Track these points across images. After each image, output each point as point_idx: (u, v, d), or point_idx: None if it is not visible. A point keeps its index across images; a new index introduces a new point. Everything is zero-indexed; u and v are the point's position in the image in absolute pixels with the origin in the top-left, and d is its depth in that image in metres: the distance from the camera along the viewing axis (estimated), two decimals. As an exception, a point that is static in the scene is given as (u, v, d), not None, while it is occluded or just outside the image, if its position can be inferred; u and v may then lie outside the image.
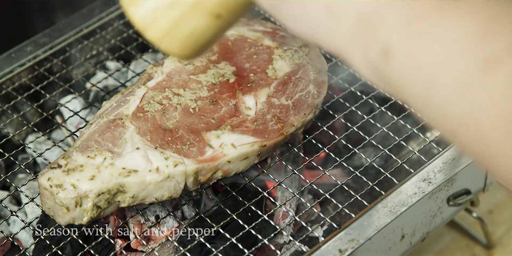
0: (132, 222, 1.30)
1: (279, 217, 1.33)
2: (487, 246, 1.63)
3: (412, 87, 0.66)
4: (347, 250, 1.18)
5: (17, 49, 1.55)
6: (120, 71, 1.62)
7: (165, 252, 1.28)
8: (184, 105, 1.28)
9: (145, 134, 1.23)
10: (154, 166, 1.19)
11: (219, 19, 0.79)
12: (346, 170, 1.47)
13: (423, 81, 0.64)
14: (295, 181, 1.38)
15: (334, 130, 1.45)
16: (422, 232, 1.35)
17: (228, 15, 0.79)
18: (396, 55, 0.65)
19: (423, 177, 1.28)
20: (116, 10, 1.63)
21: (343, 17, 0.69)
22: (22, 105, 1.54)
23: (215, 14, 0.79)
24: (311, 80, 1.35)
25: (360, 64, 0.70)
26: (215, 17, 0.79)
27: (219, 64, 1.35)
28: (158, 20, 0.80)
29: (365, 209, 1.24)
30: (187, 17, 0.79)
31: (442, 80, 0.62)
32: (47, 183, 1.16)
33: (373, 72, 0.69)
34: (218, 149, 1.22)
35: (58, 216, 1.18)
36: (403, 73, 0.65)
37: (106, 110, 1.27)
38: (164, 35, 0.80)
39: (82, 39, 1.58)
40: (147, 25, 0.80)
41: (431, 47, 0.63)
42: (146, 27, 0.80)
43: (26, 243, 1.40)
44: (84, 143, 1.21)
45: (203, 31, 0.80)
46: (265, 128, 1.26)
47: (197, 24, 0.79)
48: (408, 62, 0.65)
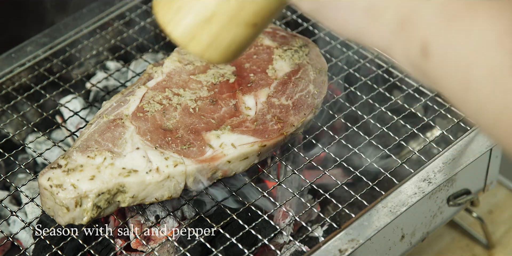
0: (132, 222, 1.30)
1: (279, 217, 1.33)
2: (487, 246, 1.63)
3: (450, 83, 0.69)
4: (347, 250, 1.18)
5: (17, 49, 1.55)
6: (120, 71, 1.62)
7: (165, 252, 1.28)
8: (184, 105, 1.28)
9: (145, 134, 1.23)
10: (154, 166, 1.19)
11: (255, 27, 0.83)
12: (346, 170, 1.47)
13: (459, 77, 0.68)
14: (295, 181, 1.38)
15: (334, 130, 1.45)
16: (422, 232, 1.35)
17: (263, 22, 0.84)
18: (434, 53, 0.69)
19: (423, 177, 1.28)
20: (116, 10, 1.63)
21: (382, 18, 0.72)
22: (22, 105, 1.54)
23: (251, 24, 0.83)
24: (311, 80, 1.35)
25: (402, 62, 0.74)
26: (252, 26, 0.83)
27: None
28: (198, 35, 0.83)
29: (365, 209, 1.24)
30: (226, 30, 0.83)
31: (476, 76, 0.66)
32: (47, 183, 1.16)
33: (415, 70, 0.73)
34: (218, 149, 1.22)
35: (58, 216, 1.18)
36: (442, 69, 0.69)
37: (106, 110, 1.28)
38: (206, 48, 0.84)
39: (82, 39, 1.58)
40: (187, 41, 0.84)
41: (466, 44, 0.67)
42: (187, 43, 0.84)
43: (26, 243, 1.40)
44: (84, 143, 1.21)
45: (242, 40, 0.84)
46: (265, 128, 1.27)
47: (235, 35, 0.83)
48: (445, 59, 0.68)
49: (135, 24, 1.62)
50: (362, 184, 1.37)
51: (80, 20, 1.60)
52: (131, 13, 1.63)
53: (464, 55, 0.67)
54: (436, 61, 0.69)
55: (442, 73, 0.70)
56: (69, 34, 1.58)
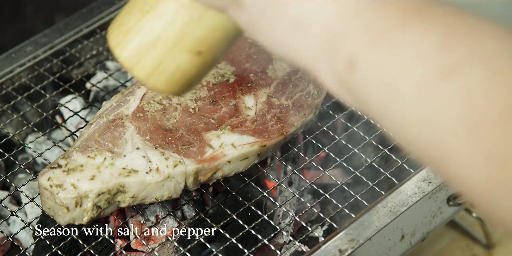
0: (132, 222, 1.30)
1: (279, 217, 1.33)
2: (487, 246, 1.63)
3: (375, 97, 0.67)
4: (347, 250, 1.18)
5: (17, 49, 1.55)
6: (120, 71, 1.62)
7: (165, 252, 1.28)
8: (184, 105, 1.28)
9: (145, 134, 1.23)
10: (154, 166, 1.19)
11: (201, 55, 0.82)
12: (346, 170, 1.47)
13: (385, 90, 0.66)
14: (295, 181, 1.38)
15: (334, 130, 1.45)
16: (422, 232, 1.35)
17: (209, 51, 0.82)
18: (360, 66, 0.67)
19: (423, 177, 1.28)
20: (116, 10, 1.63)
21: (309, 32, 0.70)
22: (22, 105, 1.54)
23: (196, 51, 0.81)
24: (311, 80, 1.35)
25: (328, 80, 0.71)
26: (196, 54, 0.81)
27: (219, 64, 1.35)
28: (143, 60, 0.83)
29: (365, 209, 1.24)
30: (169, 56, 0.82)
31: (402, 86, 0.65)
32: (47, 183, 1.16)
33: (340, 87, 0.71)
34: (218, 149, 1.22)
35: (58, 216, 1.18)
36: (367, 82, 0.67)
37: (106, 110, 1.28)
38: (150, 73, 0.83)
39: (82, 39, 1.58)
40: (133, 64, 0.83)
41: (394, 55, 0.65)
42: (132, 67, 0.83)
43: (26, 243, 1.40)
44: (84, 143, 1.21)
45: (187, 68, 0.83)
46: (265, 128, 1.27)
47: (179, 61, 0.82)
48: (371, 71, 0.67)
49: (135, 24, 1.62)
50: (362, 184, 1.36)
51: (80, 20, 1.60)
52: (131, 13, 1.63)
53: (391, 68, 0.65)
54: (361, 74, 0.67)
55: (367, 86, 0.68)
56: (69, 34, 1.58)
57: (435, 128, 0.63)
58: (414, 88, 0.64)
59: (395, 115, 0.66)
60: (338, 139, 1.35)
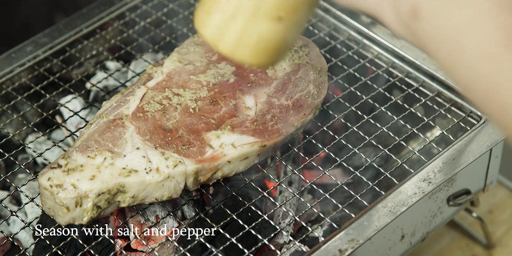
0: (132, 222, 1.30)
1: (279, 217, 1.33)
2: (487, 246, 1.63)
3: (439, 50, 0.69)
4: (347, 250, 1.18)
5: (17, 49, 1.55)
6: (120, 71, 1.62)
7: (165, 252, 1.28)
8: (184, 105, 1.28)
9: (145, 134, 1.23)
10: (154, 166, 1.19)
11: (281, 21, 0.82)
12: (346, 170, 1.47)
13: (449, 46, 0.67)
14: (295, 181, 1.38)
15: (334, 130, 1.45)
16: (422, 232, 1.36)
17: (289, 16, 0.83)
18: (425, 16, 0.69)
19: (423, 177, 1.28)
20: (116, 10, 1.63)
21: None
22: (22, 105, 1.54)
23: (276, 17, 0.82)
24: (311, 80, 1.35)
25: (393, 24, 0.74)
26: (277, 20, 0.82)
27: (219, 64, 1.35)
28: (226, 34, 0.84)
29: (365, 209, 1.24)
30: (250, 26, 0.83)
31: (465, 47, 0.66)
32: (47, 183, 1.16)
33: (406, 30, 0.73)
34: (218, 149, 1.23)
35: (58, 216, 1.18)
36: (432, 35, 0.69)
37: (106, 110, 1.28)
38: (234, 46, 0.85)
39: (82, 39, 1.58)
40: (217, 40, 0.85)
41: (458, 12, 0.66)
42: (217, 43, 0.85)
43: (26, 243, 1.40)
44: (84, 143, 1.21)
45: (269, 36, 0.84)
46: (265, 128, 1.27)
47: (261, 30, 0.83)
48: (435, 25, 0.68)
49: (135, 24, 1.62)
50: (362, 184, 1.37)
51: (80, 20, 1.60)
52: (131, 13, 1.63)
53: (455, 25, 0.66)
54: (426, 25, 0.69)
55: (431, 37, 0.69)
56: (69, 34, 1.58)
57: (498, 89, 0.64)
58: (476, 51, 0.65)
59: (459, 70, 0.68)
60: (338, 139, 1.35)
